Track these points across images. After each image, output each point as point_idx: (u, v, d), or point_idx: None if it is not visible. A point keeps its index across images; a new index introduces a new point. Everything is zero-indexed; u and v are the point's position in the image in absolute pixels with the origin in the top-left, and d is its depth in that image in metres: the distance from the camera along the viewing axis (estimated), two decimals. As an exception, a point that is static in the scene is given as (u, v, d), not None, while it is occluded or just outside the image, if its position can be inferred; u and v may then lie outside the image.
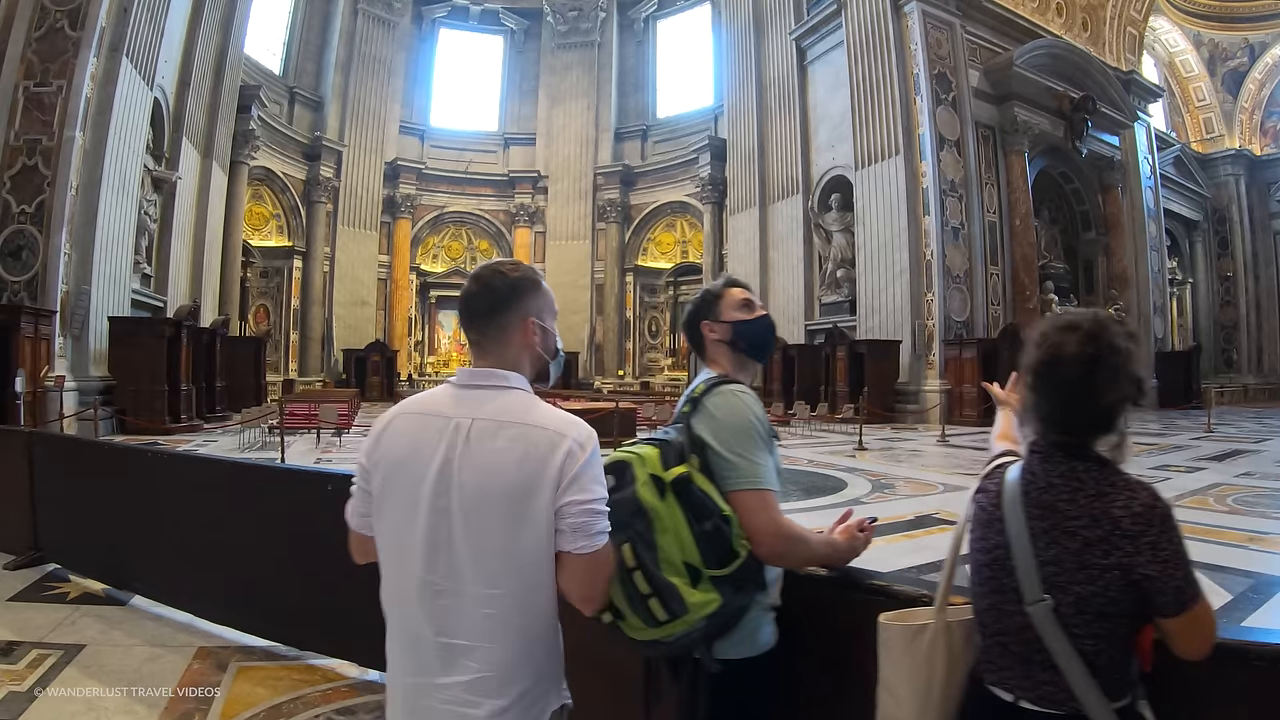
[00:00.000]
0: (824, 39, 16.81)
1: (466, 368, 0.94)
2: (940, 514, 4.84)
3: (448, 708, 0.83)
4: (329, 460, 6.90)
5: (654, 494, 0.94)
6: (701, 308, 1.21)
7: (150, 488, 2.51)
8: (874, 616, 1.00)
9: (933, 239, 14.11)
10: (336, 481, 1.97)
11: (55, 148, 8.91)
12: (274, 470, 2.36)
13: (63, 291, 8.63)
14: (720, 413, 1.05)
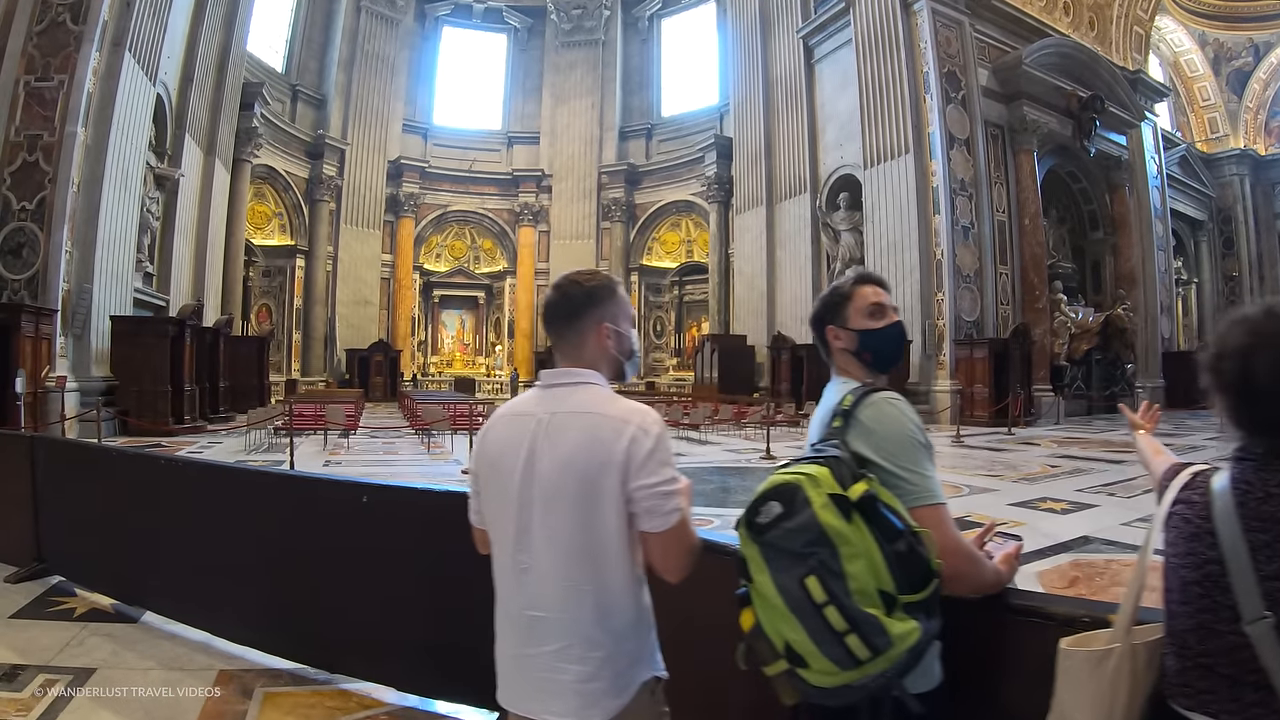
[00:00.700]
0: (831, 37, 16.70)
1: (549, 369, 1.02)
2: (971, 516, 4.71)
3: (541, 675, 0.93)
4: (338, 463, 6.74)
5: (838, 516, 0.83)
6: (827, 310, 1.12)
7: (161, 496, 2.35)
8: (1026, 640, 0.95)
9: (943, 238, 13.99)
10: (373, 493, 1.81)
11: (56, 143, 8.75)
12: (304, 480, 2.19)
13: (64, 290, 8.47)
14: (879, 425, 0.96)
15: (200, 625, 2.19)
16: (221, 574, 2.14)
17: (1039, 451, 8.60)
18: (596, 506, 0.90)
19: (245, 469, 2.31)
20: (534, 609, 0.93)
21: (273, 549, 2.04)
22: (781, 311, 17.44)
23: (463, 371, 23.04)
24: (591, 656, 0.91)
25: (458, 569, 1.73)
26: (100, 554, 2.55)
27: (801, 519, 0.83)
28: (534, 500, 0.93)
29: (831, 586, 0.80)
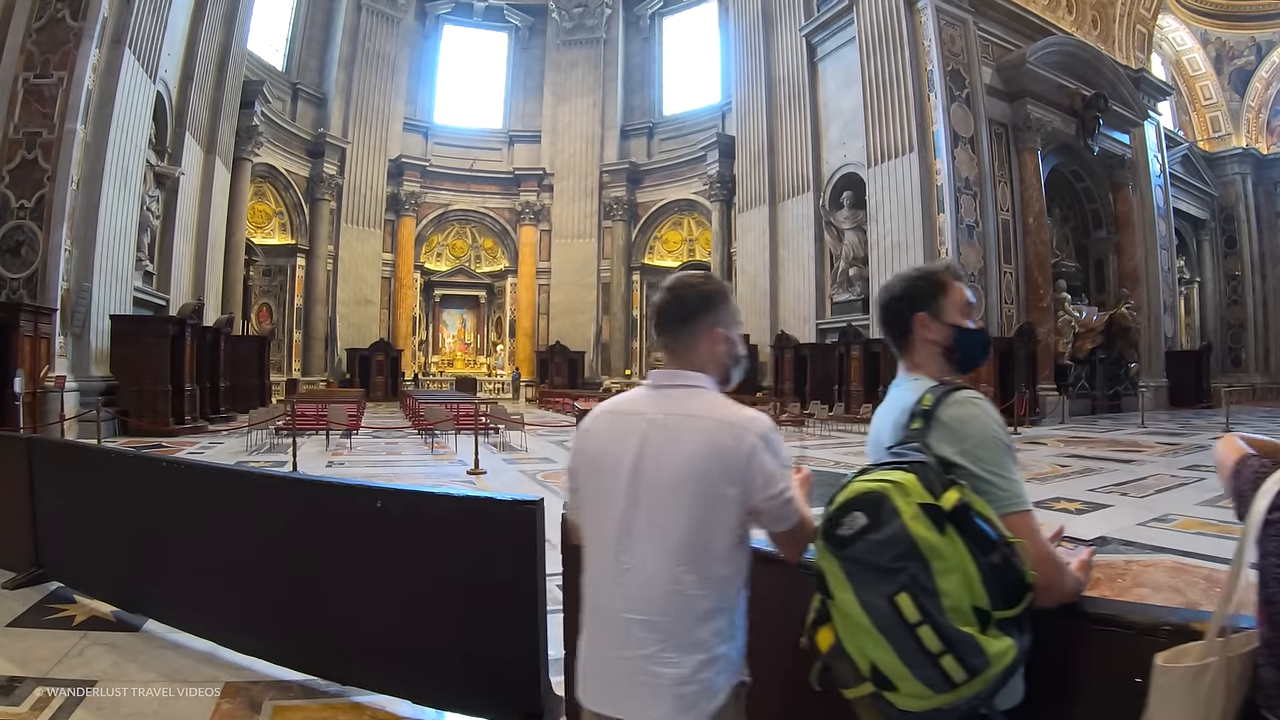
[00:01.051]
0: (834, 35, 16.63)
1: (659, 369, 1.02)
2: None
3: (637, 677, 0.91)
4: (341, 463, 6.66)
5: (930, 528, 0.77)
6: (921, 295, 1.03)
7: (163, 500, 2.26)
8: (1105, 650, 0.91)
9: (948, 237, 13.91)
10: (387, 498, 1.73)
11: (55, 141, 8.66)
12: (314, 484, 2.09)
13: (63, 289, 8.38)
14: (964, 426, 0.89)
15: (205, 634, 2.11)
16: (226, 581, 2.05)
17: (1047, 451, 8.53)
18: (711, 511, 0.90)
19: (251, 472, 2.22)
20: (633, 611, 0.92)
21: (280, 555, 1.96)
22: (784, 311, 17.37)
23: (464, 371, 22.96)
24: (690, 660, 0.90)
25: (476, 576, 1.65)
26: (100, 559, 2.47)
27: (890, 531, 0.77)
28: (642, 500, 0.92)
29: (925, 604, 0.74)
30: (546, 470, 6.26)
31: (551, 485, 5.50)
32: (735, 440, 0.91)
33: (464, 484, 5.43)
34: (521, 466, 6.49)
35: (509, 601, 1.60)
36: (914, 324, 1.01)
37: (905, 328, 1.02)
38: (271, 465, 6.33)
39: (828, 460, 7.34)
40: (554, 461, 6.97)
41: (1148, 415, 14.59)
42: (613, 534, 0.94)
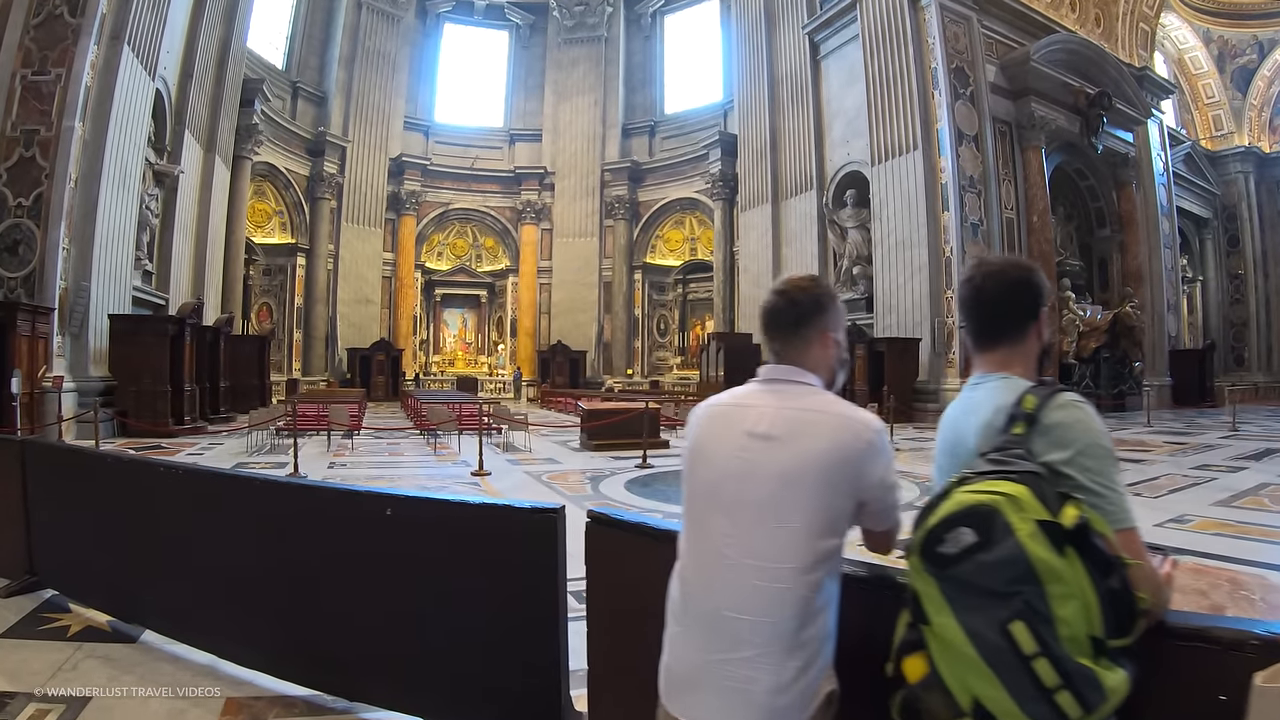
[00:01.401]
0: (838, 33, 16.54)
1: (770, 365, 1.02)
2: None
3: (728, 683, 0.88)
4: (343, 465, 6.57)
5: (1049, 548, 0.68)
6: (1043, 292, 0.94)
7: (161, 506, 2.16)
8: (1191, 667, 0.84)
9: (952, 235, 13.83)
10: (398, 505, 1.64)
11: (53, 138, 8.57)
12: (320, 490, 1.99)
13: (61, 288, 8.29)
14: (1072, 432, 0.81)
15: (205, 646, 2.01)
16: (227, 591, 1.96)
17: None
18: (825, 505, 0.90)
19: (252, 477, 2.11)
20: (732, 609, 0.90)
21: (283, 564, 1.86)
22: (788, 310, 17.26)
23: (465, 371, 22.87)
24: (788, 666, 0.87)
25: (493, 587, 1.56)
26: (96, 567, 2.38)
27: (1003, 551, 0.68)
28: (753, 494, 0.91)
29: (1041, 634, 0.66)
30: (552, 471, 6.17)
31: (558, 486, 5.42)
32: (854, 437, 0.91)
33: (468, 486, 5.34)
34: (526, 468, 6.40)
35: (528, 613, 1.51)
36: (1040, 319, 0.93)
37: (1025, 321, 0.93)
38: (272, 467, 6.24)
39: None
40: (559, 462, 6.88)
41: (1153, 414, 14.56)
42: (719, 528, 0.92)
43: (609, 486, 5.41)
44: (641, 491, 5.22)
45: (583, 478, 5.81)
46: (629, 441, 7.71)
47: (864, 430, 0.92)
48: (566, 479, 5.72)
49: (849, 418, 0.94)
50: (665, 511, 4.44)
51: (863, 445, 0.91)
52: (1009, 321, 0.94)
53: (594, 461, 6.90)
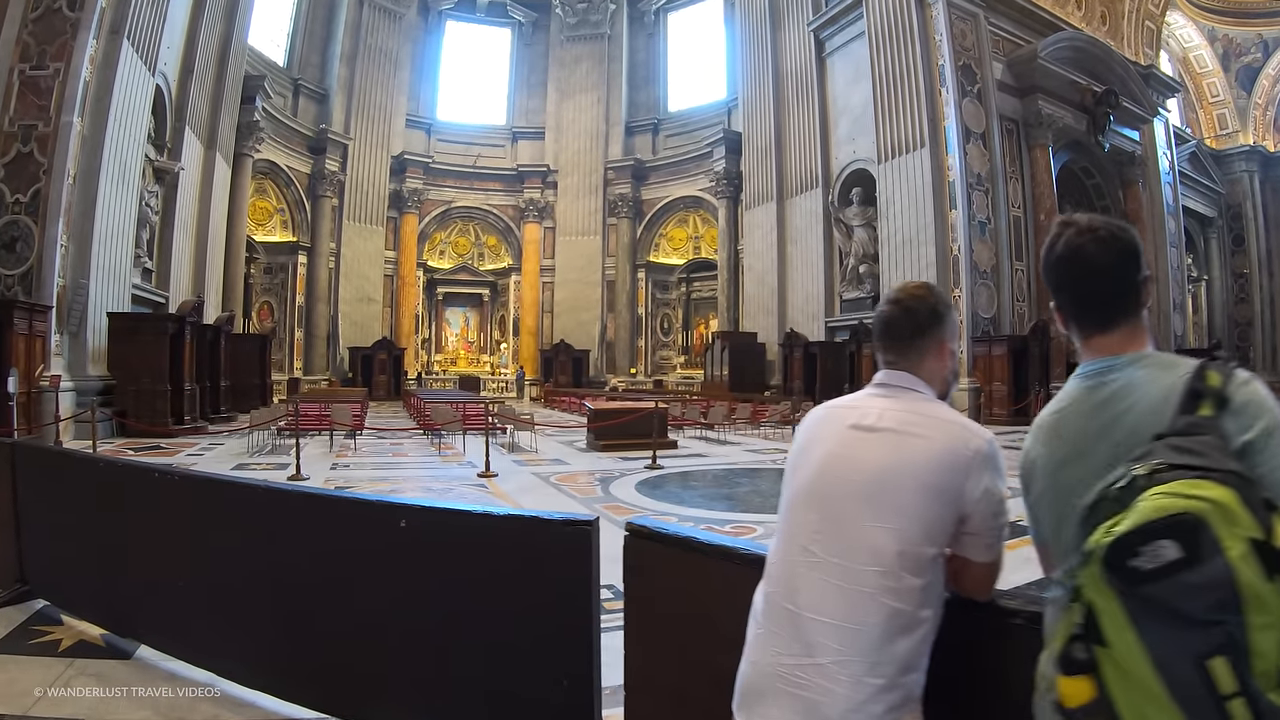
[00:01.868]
0: (843, 30, 16.42)
1: (884, 370, 0.99)
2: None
3: (802, 692, 0.84)
4: (346, 465, 6.44)
5: (1259, 572, 0.56)
6: (1142, 260, 0.81)
7: (159, 514, 2.03)
8: None
9: (960, 233, 13.71)
10: (413, 516, 1.50)
11: (52, 134, 8.44)
12: (328, 500, 1.84)
13: (59, 285, 8.16)
14: (1263, 411, 0.68)
15: (204, 664, 1.88)
16: (228, 605, 1.83)
17: None
18: (922, 514, 0.86)
19: (255, 484, 1.96)
20: (813, 610, 0.85)
21: (290, 578, 1.73)
22: (793, 308, 17.15)
23: (467, 370, 22.75)
24: (867, 683, 0.81)
25: (519, 603, 1.43)
26: (89, 577, 2.25)
27: (1211, 573, 0.56)
28: (852, 493, 0.88)
29: (1241, 671, 0.55)
30: (560, 472, 6.04)
31: (567, 488, 5.29)
32: (963, 443, 0.88)
33: (475, 488, 5.21)
34: (533, 469, 6.27)
35: (558, 632, 1.38)
36: (1148, 284, 0.81)
37: (1140, 289, 0.80)
38: (274, 469, 6.12)
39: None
40: (566, 463, 6.74)
41: None
42: (809, 522, 0.89)
43: (619, 488, 5.28)
44: (653, 493, 5.09)
45: (592, 479, 5.68)
46: (636, 442, 7.58)
47: (974, 438, 0.89)
48: (575, 480, 5.59)
49: (961, 424, 0.92)
50: (679, 514, 4.31)
51: (970, 453, 0.87)
52: (1125, 292, 0.79)
53: (602, 462, 6.77)
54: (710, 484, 5.73)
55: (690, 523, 4.10)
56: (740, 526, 4.05)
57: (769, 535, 3.80)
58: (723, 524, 4.11)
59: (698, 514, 4.36)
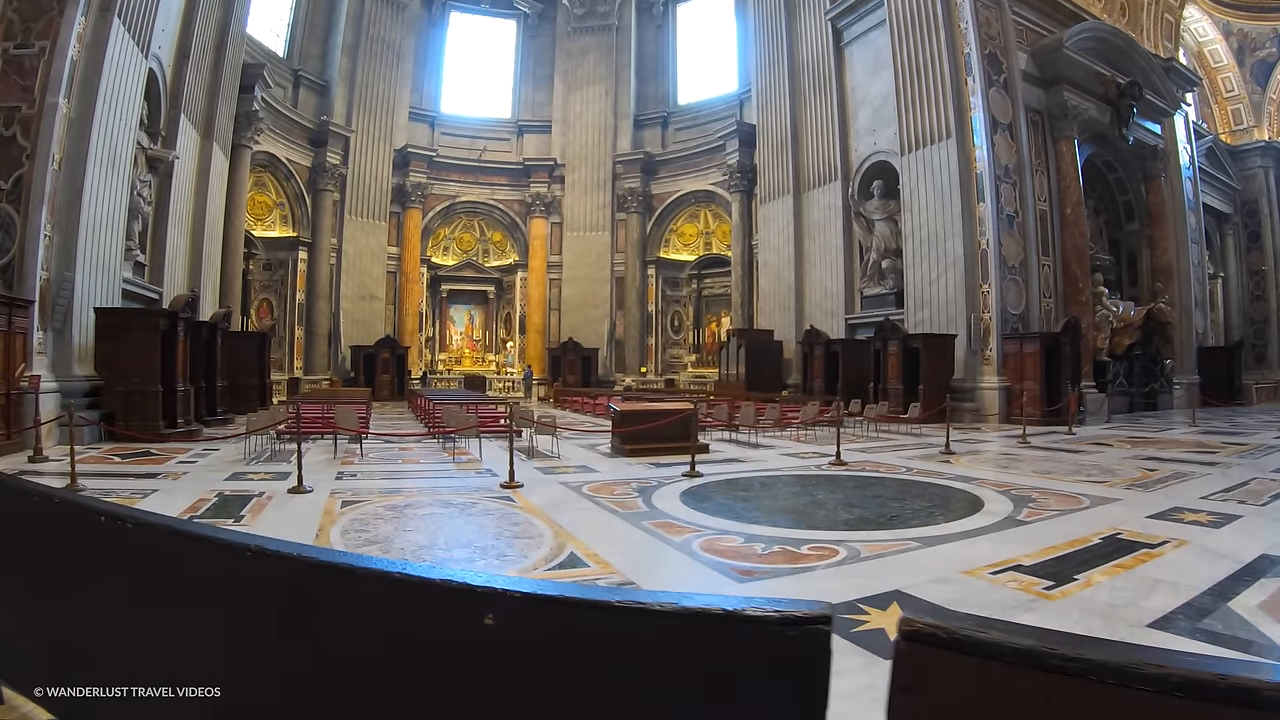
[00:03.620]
0: (862, 19, 15.94)
1: None
2: (1123, 533, 3.96)
3: None
4: (353, 474, 5.87)
5: None
6: None
7: (102, 576, 1.41)
8: None
9: (988, 227, 13.19)
10: (502, 605, 0.85)
11: (36, 116, 7.87)
12: (367, 574, 1.02)
13: (42, 279, 7.59)
14: None
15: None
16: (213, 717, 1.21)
17: (1118, 453, 7.90)
18: None
19: (250, 544, 1.22)
20: None
21: (307, 689, 1.09)
22: (811, 305, 16.62)
23: (472, 369, 22.18)
24: None
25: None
26: (38, 647, 1.69)
27: None
28: None
29: None
30: (591, 482, 5.48)
31: (604, 501, 4.73)
32: None
33: (500, 501, 4.65)
34: (561, 478, 5.71)
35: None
36: None
37: None
38: (273, 478, 5.55)
39: (898, 466, 6.57)
40: (594, 471, 6.18)
41: (1185, 413, 14.05)
42: None
43: (663, 500, 4.73)
44: (702, 507, 4.54)
45: (629, 490, 5.12)
46: (666, 446, 7.05)
47: None
48: (612, 492, 5.04)
49: None
50: (744, 533, 3.76)
51: None
52: None
53: (632, 469, 6.21)
54: (762, 495, 5.17)
55: (761, 543, 3.55)
56: (820, 548, 3.50)
57: (853, 559, 3.21)
58: (798, 544, 3.55)
59: (763, 532, 3.81)
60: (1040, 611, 2.60)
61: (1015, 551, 3.44)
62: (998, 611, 2.58)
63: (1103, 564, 3.30)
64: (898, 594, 2.76)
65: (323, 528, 3.69)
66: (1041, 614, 2.57)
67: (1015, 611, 2.58)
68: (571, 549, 3.36)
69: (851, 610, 2.59)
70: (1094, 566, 3.22)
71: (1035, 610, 2.61)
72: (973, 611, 2.59)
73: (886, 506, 4.73)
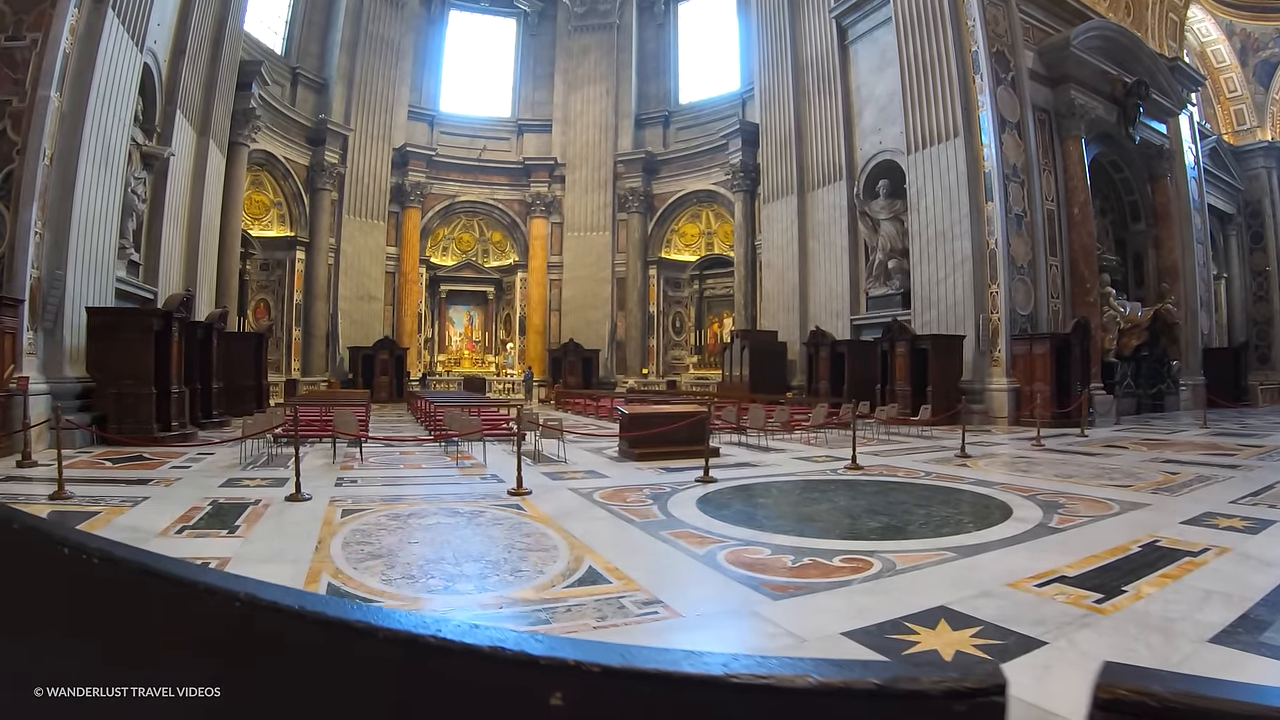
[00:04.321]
0: (867, 16, 15.79)
1: None
2: (1162, 540, 3.81)
3: None
4: (353, 480, 5.66)
5: None
6: None
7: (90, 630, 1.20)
8: None
9: (997, 226, 13.03)
10: (575, 681, 0.60)
11: (27, 110, 7.64)
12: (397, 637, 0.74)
13: (32, 277, 7.35)
14: None
15: None
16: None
17: (1136, 456, 7.74)
18: None
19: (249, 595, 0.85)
20: None
21: None
22: (815, 306, 16.44)
23: (471, 370, 21.95)
24: None
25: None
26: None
27: None
28: None
29: None
30: (601, 488, 5.27)
31: (617, 509, 4.52)
32: None
33: (509, 509, 4.44)
34: (569, 483, 5.50)
35: None
36: None
37: None
38: (270, 484, 5.33)
39: (916, 470, 6.37)
40: (604, 476, 5.97)
41: (1193, 415, 13.93)
42: None
43: (679, 508, 4.52)
44: (720, 514, 4.33)
45: (642, 497, 4.91)
46: (676, 450, 6.85)
47: None
48: (624, 499, 4.83)
49: None
50: (770, 544, 3.55)
51: None
52: None
53: (643, 474, 6.00)
54: (780, 501, 4.97)
55: (790, 555, 3.34)
56: (852, 559, 3.30)
57: (889, 571, 3.00)
58: (829, 556, 3.35)
59: (790, 542, 3.61)
60: (1096, 628, 2.45)
61: (1056, 561, 3.28)
62: (1052, 629, 2.42)
63: (1149, 574, 3.16)
64: (944, 610, 2.59)
65: (322, 540, 3.48)
66: (1098, 630, 2.42)
67: (1070, 628, 2.43)
68: (590, 563, 3.15)
69: (898, 629, 2.42)
70: (1140, 577, 3.08)
71: (1091, 626, 2.46)
72: (1025, 630, 2.41)
73: (913, 514, 4.54)
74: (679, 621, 2.47)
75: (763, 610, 2.59)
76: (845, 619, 2.49)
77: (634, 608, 2.60)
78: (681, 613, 2.55)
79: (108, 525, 3.70)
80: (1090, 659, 2.11)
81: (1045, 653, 2.19)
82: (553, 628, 2.36)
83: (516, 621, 2.40)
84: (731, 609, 2.62)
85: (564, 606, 2.57)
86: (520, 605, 2.56)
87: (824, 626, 2.42)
